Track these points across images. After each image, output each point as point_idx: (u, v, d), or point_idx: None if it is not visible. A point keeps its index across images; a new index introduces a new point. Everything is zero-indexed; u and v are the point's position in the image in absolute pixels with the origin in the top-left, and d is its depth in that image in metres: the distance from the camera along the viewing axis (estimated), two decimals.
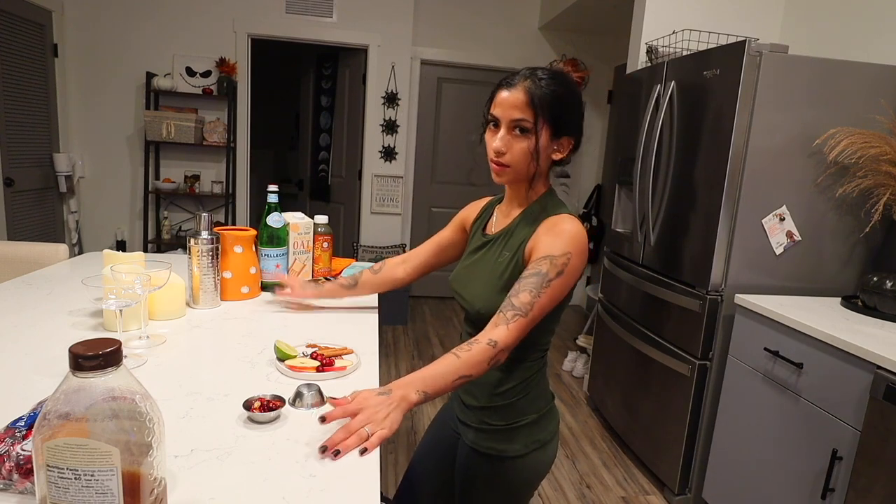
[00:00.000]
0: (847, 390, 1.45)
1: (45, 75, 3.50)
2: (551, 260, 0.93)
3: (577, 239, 0.95)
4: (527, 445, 1.04)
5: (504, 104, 0.97)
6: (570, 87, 0.99)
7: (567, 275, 0.94)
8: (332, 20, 3.93)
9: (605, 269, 2.71)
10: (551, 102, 0.96)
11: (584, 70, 4.45)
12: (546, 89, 0.95)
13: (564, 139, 1.00)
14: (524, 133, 0.96)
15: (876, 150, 1.74)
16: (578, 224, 0.98)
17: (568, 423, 2.72)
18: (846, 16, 2.30)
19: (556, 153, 1.01)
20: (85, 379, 0.48)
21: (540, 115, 0.95)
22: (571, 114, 0.99)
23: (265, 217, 1.45)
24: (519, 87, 0.96)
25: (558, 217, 0.99)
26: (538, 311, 0.92)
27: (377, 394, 0.82)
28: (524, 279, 0.93)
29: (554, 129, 0.98)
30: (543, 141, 0.97)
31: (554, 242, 0.95)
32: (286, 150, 6.45)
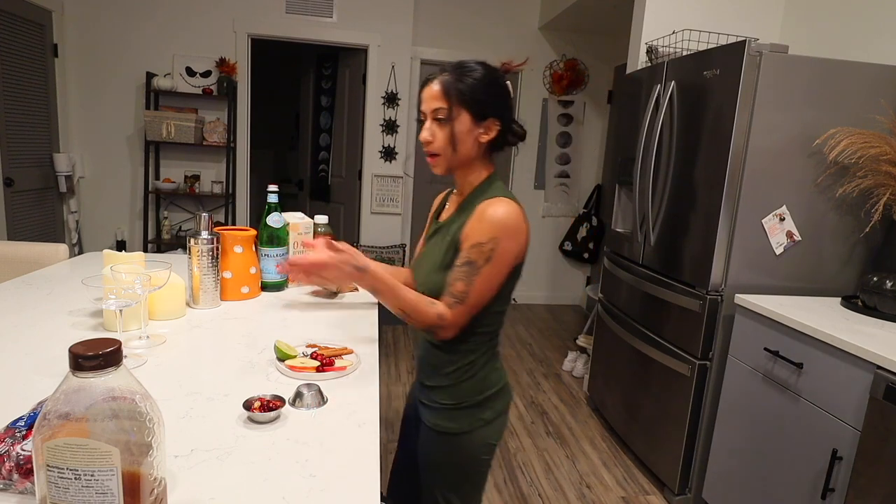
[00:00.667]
0: (847, 390, 1.45)
1: (45, 75, 3.50)
2: (479, 248, 0.99)
3: (504, 222, 0.99)
4: (471, 423, 1.10)
5: (425, 99, 1.05)
6: (485, 74, 1.05)
7: (496, 260, 0.99)
8: (332, 20, 3.93)
9: (605, 269, 2.71)
10: (466, 88, 1.02)
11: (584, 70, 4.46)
12: (459, 78, 1.03)
13: (489, 121, 1.05)
14: (444, 121, 1.03)
15: (876, 150, 1.74)
16: (508, 206, 1.01)
17: (568, 423, 2.72)
18: (846, 16, 2.30)
19: (483, 135, 1.06)
20: (85, 379, 0.48)
21: (454, 102, 1.02)
22: (490, 97, 1.05)
23: (265, 217, 1.45)
24: (435, 81, 1.04)
25: (489, 202, 1.02)
26: (475, 297, 1.00)
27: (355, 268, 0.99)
28: (456, 268, 1.01)
29: (473, 113, 1.03)
30: (465, 125, 1.03)
31: (481, 229, 0.99)
32: (286, 150, 6.45)
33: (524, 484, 2.20)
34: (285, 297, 1.46)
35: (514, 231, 1.00)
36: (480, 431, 1.11)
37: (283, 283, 1.51)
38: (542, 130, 4.56)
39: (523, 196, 4.64)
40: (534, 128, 4.54)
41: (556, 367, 3.44)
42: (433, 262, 1.09)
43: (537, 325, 4.26)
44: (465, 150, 1.05)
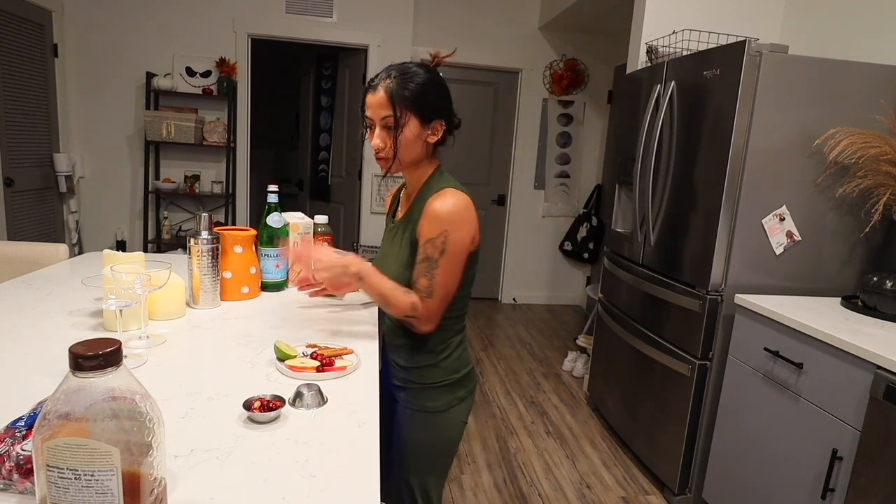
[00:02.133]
0: (847, 390, 1.45)
1: (45, 75, 3.50)
2: (432, 243, 1.05)
3: (450, 215, 1.05)
4: (449, 402, 1.18)
5: (371, 106, 1.09)
6: (427, 77, 1.08)
7: (450, 251, 1.05)
8: (332, 20, 3.93)
9: (605, 269, 2.71)
10: (411, 94, 1.06)
11: (584, 70, 4.46)
12: (403, 84, 1.06)
13: (435, 123, 1.10)
14: (391, 126, 1.07)
15: (876, 150, 1.74)
16: (454, 197, 1.06)
17: (568, 423, 2.72)
18: (846, 16, 2.30)
19: (431, 136, 1.11)
20: (85, 379, 0.48)
21: (401, 109, 1.06)
22: (434, 99, 1.09)
23: (265, 217, 1.45)
24: (379, 87, 1.07)
25: (434, 196, 1.07)
26: (440, 289, 1.06)
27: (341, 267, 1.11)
28: (417, 265, 1.08)
29: (421, 116, 1.08)
30: (414, 129, 1.08)
31: (430, 225, 1.06)
32: (286, 150, 6.44)
33: (524, 484, 2.20)
34: (285, 297, 1.46)
35: (461, 221, 1.06)
36: (456, 409, 1.19)
37: (283, 283, 1.51)
38: (542, 130, 4.56)
39: (523, 196, 4.64)
40: (534, 128, 4.54)
41: (556, 367, 3.44)
42: (397, 261, 1.15)
43: (537, 325, 4.26)
44: (415, 153, 1.11)
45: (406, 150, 1.09)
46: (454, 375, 1.18)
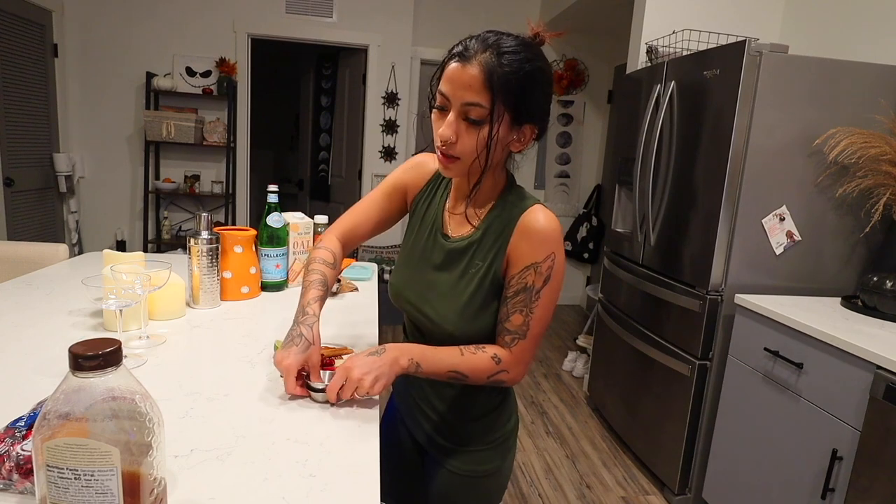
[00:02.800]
0: (847, 390, 1.45)
1: (45, 75, 3.50)
2: (535, 269, 0.84)
3: (556, 233, 0.85)
4: (503, 459, 1.01)
5: (456, 81, 0.78)
6: (539, 64, 0.81)
7: (554, 278, 0.85)
8: (332, 20, 3.93)
9: (605, 269, 2.71)
10: (515, 84, 0.78)
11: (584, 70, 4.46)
12: (510, 66, 0.77)
13: (527, 127, 0.84)
14: (478, 120, 0.79)
15: (876, 150, 1.74)
16: (550, 214, 0.87)
17: (568, 423, 2.72)
18: (846, 16, 2.30)
19: (516, 143, 0.85)
20: (85, 379, 0.48)
21: (499, 100, 0.78)
22: (538, 97, 0.82)
23: (265, 217, 1.45)
24: (475, 61, 0.77)
25: (531, 215, 0.86)
26: (537, 327, 0.86)
27: (367, 354, 0.84)
28: (512, 299, 0.86)
29: (515, 115, 0.81)
30: (502, 131, 0.81)
31: (534, 248, 0.84)
32: (286, 150, 6.45)
33: (524, 484, 2.20)
34: (285, 297, 1.46)
35: (561, 239, 0.86)
36: (507, 463, 1.02)
37: (283, 283, 1.51)
38: None
39: None
40: None
41: (556, 367, 3.44)
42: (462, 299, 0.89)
43: None
44: (495, 159, 0.84)
45: (486, 153, 0.82)
46: (507, 427, 1.00)
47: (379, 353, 0.84)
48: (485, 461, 0.99)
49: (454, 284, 0.90)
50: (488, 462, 0.99)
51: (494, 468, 1.00)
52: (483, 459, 0.98)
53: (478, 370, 0.86)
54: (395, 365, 0.84)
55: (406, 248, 1.01)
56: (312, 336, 0.89)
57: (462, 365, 0.86)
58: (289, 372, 0.85)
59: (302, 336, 0.88)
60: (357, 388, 0.82)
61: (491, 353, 0.87)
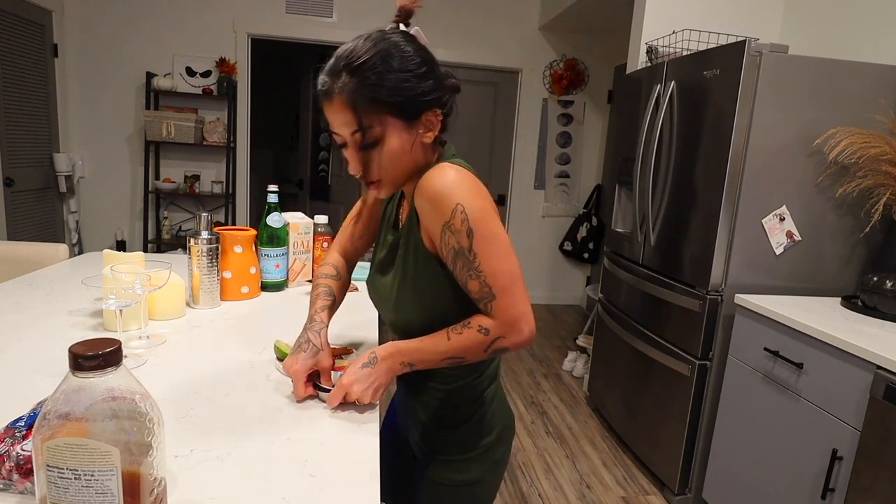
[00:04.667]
0: (847, 390, 1.45)
1: (45, 75, 3.50)
2: (448, 228, 0.77)
3: (454, 183, 0.77)
4: (484, 470, 0.97)
5: (333, 121, 0.79)
6: (400, 56, 0.77)
7: (479, 227, 0.77)
8: (332, 20, 3.93)
9: (605, 269, 2.71)
10: (382, 92, 0.75)
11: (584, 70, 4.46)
12: (366, 80, 0.75)
13: (426, 116, 0.80)
14: (373, 142, 0.78)
15: (876, 150, 1.74)
16: (450, 169, 0.78)
17: (568, 423, 2.72)
18: (846, 16, 2.30)
19: (426, 134, 0.81)
20: (85, 379, 0.48)
21: (376, 116, 0.76)
22: (418, 86, 0.78)
23: (265, 217, 1.45)
24: (335, 92, 0.77)
25: (423, 181, 0.79)
26: (498, 280, 0.79)
27: (360, 366, 0.84)
28: (455, 270, 0.80)
29: (404, 116, 0.78)
30: (399, 138, 0.78)
31: (437, 208, 0.77)
32: (286, 150, 6.45)
33: (524, 484, 2.20)
34: (285, 297, 1.46)
35: (469, 189, 0.77)
36: (489, 477, 0.99)
37: (283, 283, 1.51)
38: (542, 130, 4.56)
39: (523, 196, 4.64)
40: (534, 128, 4.54)
41: (556, 367, 3.44)
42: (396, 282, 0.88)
43: (537, 324, 4.26)
44: (412, 162, 0.82)
45: (399, 166, 0.81)
46: (487, 439, 0.96)
47: (372, 364, 0.84)
48: (462, 471, 0.96)
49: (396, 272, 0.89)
50: (466, 472, 0.96)
51: (473, 479, 0.97)
52: (461, 469, 0.96)
53: (470, 348, 0.82)
54: (390, 372, 0.85)
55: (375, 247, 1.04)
56: (320, 342, 0.90)
57: (453, 349, 0.82)
58: (297, 377, 0.87)
59: (310, 342, 0.90)
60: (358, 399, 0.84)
61: (475, 326, 0.81)
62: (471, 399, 0.94)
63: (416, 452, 1.02)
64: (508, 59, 4.36)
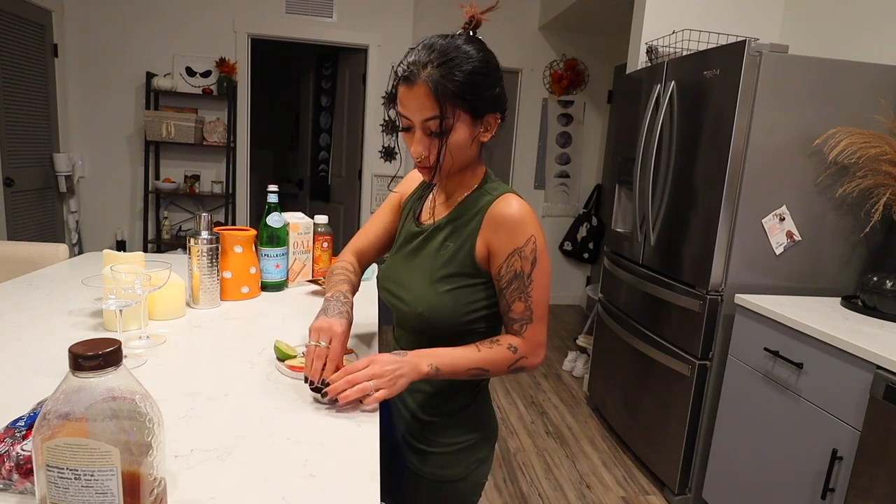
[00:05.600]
0: (847, 390, 1.45)
1: (45, 75, 3.50)
2: (519, 254, 0.87)
3: (530, 216, 0.88)
4: (468, 468, 1.00)
5: (409, 104, 0.85)
6: (480, 60, 0.86)
7: (541, 259, 0.88)
8: (332, 20, 3.93)
9: (605, 269, 2.71)
10: (463, 87, 0.83)
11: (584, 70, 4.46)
12: (451, 74, 0.83)
13: (489, 118, 0.89)
14: (442, 133, 0.85)
15: (876, 150, 1.74)
16: (521, 200, 0.90)
17: (568, 423, 2.72)
18: (846, 16, 2.30)
19: (484, 135, 0.91)
20: (85, 379, 0.48)
21: (451, 107, 0.84)
22: (489, 89, 0.87)
23: (265, 217, 1.45)
24: (420, 80, 0.83)
25: (501, 204, 0.89)
26: (539, 309, 0.89)
27: (392, 354, 0.86)
28: (507, 289, 0.89)
29: (473, 112, 0.87)
30: (465, 130, 0.87)
31: (512, 234, 0.87)
32: (286, 150, 6.45)
33: (524, 484, 2.20)
34: (285, 297, 1.46)
35: (537, 222, 0.89)
36: (472, 477, 1.02)
37: (283, 283, 1.51)
38: (542, 130, 4.56)
39: (523, 196, 4.61)
40: (534, 128, 4.54)
41: (556, 367, 3.44)
42: (426, 274, 0.93)
43: None
44: (468, 156, 0.91)
45: (458, 157, 0.89)
46: (475, 434, 1.00)
47: (401, 355, 0.86)
48: (445, 466, 0.99)
49: (425, 265, 0.94)
50: (449, 468, 0.99)
51: (456, 476, 0.99)
52: (443, 464, 0.99)
53: (497, 363, 0.89)
54: (416, 370, 0.85)
55: (395, 244, 1.07)
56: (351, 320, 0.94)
57: (481, 361, 0.89)
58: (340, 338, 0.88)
59: (348, 312, 0.94)
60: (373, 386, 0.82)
61: (506, 343, 0.90)
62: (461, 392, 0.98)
63: (401, 444, 1.03)
64: (508, 59, 4.36)
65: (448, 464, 0.99)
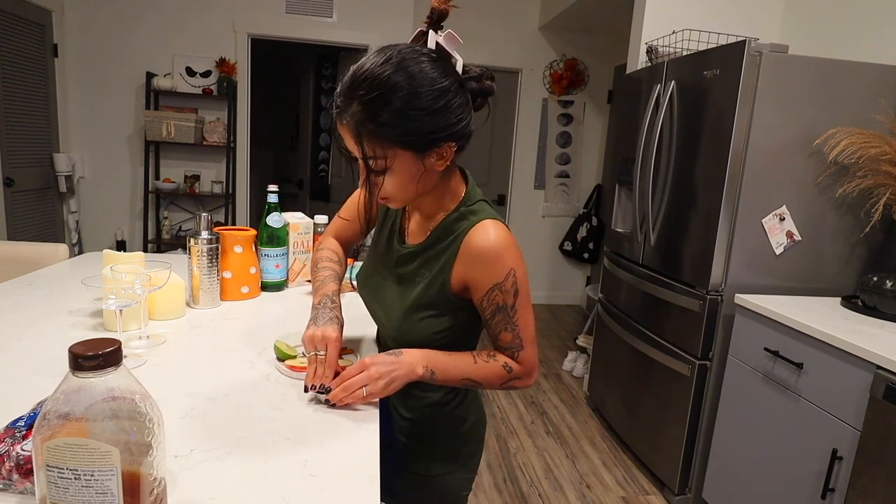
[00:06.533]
0: (847, 390, 1.45)
1: (45, 75, 3.50)
2: (500, 289, 0.84)
3: (508, 248, 0.84)
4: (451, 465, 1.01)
5: (345, 139, 0.80)
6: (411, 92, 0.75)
7: (522, 289, 0.86)
8: (332, 20, 3.93)
9: (605, 269, 2.71)
10: (390, 130, 0.75)
11: (584, 70, 4.46)
12: (375, 116, 0.74)
13: (441, 147, 0.79)
14: (377, 173, 0.79)
15: (876, 150, 1.74)
16: (498, 230, 0.84)
17: (568, 423, 2.72)
18: (846, 16, 2.30)
19: (438, 163, 0.81)
20: (85, 379, 0.48)
21: (382, 149, 0.77)
22: (430, 121, 0.76)
23: (265, 217, 1.45)
24: (346, 118, 0.77)
25: (477, 234, 0.84)
26: (527, 333, 0.89)
27: (387, 355, 0.85)
28: (491, 320, 0.88)
29: (414, 148, 0.78)
30: (408, 167, 0.79)
31: (491, 270, 0.84)
32: (286, 150, 6.44)
33: (524, 484, 2.20)
34: (285, 297, 1.46)
35: (517, 251, 0.85)
36: (462, 474, 1.03)
37: (283, 283, 1.51)
38: (542, 130, 4.56)
39: (523, 196, 4.64)
40: (534, 128, 4.54)
41: (556, 367, 3.44)
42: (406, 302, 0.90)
43: (537, 325, 4.26)
44: (425, 186, 0.84)
45: (409, 190, 0.82)
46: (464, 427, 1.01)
47: (397, 356, 0.85)
48: (436, 460, 1.00)
49: (400, 291, 0.93)
50: (443, 461, 1.00)
51: (447, 470, 1.01)
52: (438, 458, 1.00)
53: (490, 378, 0.90)
54: (412, 372, 0.85)
55: (373, 243, 1.04)
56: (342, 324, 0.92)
57: (475, 373, 0.89)
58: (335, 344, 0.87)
59: (338, 318, 0.91)
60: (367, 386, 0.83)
61: (502, 362, 0.90)
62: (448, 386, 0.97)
63: (390, 441, 1.03)
64: (508, 59, 4.36)
65: (438, 458, 1.00)
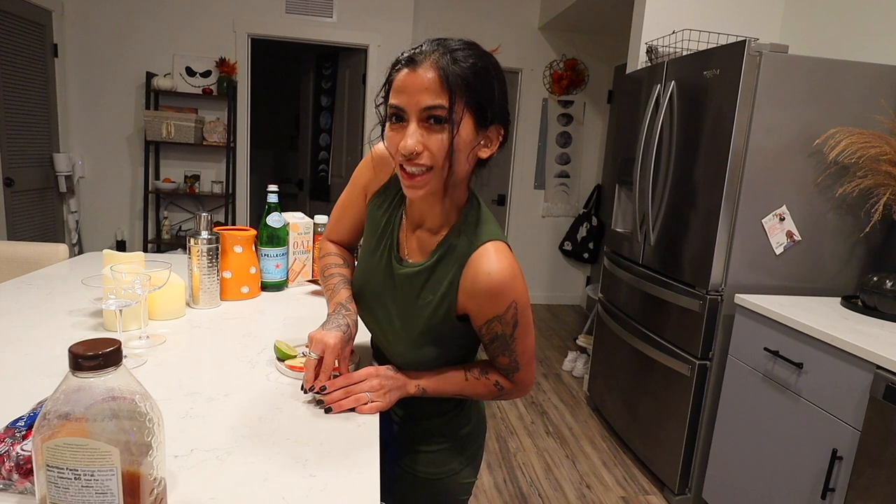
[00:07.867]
0: (847, 390, 1.45)
1: (45, 75, 3.50)
2: (499, 321, 0.83)
3: (511, 280, 0.80)
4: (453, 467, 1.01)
5: (410, 88, 0.73)
6: (491, 61, 0.77)
7: (522, 319, 0.84)
8: (332, 20, 3.93)
9: (605, 269, 2.71)
10: (474, 80, 0.73)
11: (584, 70, 4.46)
12: (465, 63, 0.73)
13: (492, 129, 0.78)
14: (441, 124, 0.73)
15: (876, 150, 1.74)
16: (501, 258, 0.81)
17: (568, 423, 2.72)
18: (846, 16, 2.30)
19: (484, 149, 0.79)
20: (85, 379, 0.48)
21: (460, 99, 0.73)
22: (498, 93, 0.77)
23: (265, 217, 1.45)
24: (427, 63, 0.72)
25: (480, 262, 0.81)
26: (524, 357, 0.88)
27: (387, 368, 0.88)
28: (490, 345, 0.87)
29: (478, 115, 0.75)
30: (467, 133, 0.75)
31: (493, 302, 0.81)
32: (286, 150, 6.44)
33: (524, 484, 2.20)
34: (285, 297, 1.46)
35: (521, 281, 0.82)
36: (465, 472, 1.02)
37: (283, 283, 1.51)
38: (542, 130, 4.56)
39: (523, 196, 4.64)
40: (534, 128, 4.54)
41: (556, 367, 3.44)
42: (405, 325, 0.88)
43: (537, 325, 4.26)
44: (460, 168, 0.78)
45: (455, 160, 0.76)
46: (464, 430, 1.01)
47: (396, 370, 0.89)
48: (438, 463, 1.00)
49: (403, 314, 0.89)
50: (443, 464, 1.00)
51: (451, 471, 1.01)
52: (436, 461, 1.00)
53: (480, 394, 0.92)
54: (403, 389, 0.88)
55: (364, 253, 0.98)
56: (352, 332, 0.89)
57: (466, 390, 0.91)
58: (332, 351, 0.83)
59: (348, 325, 0.88)
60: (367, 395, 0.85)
61: (493, 380, 0.91)
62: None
63: (391, 442, 1.03)
64: (508, 59, 4.36)
65: (438, 462, 1.00)
